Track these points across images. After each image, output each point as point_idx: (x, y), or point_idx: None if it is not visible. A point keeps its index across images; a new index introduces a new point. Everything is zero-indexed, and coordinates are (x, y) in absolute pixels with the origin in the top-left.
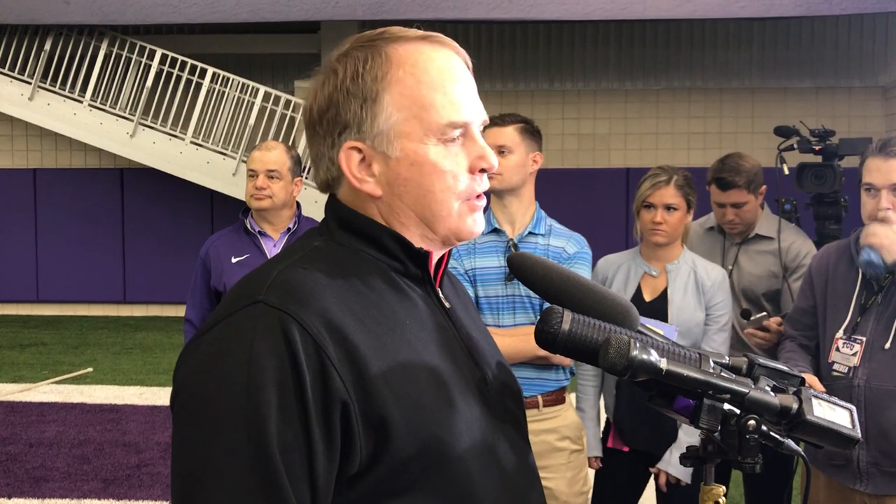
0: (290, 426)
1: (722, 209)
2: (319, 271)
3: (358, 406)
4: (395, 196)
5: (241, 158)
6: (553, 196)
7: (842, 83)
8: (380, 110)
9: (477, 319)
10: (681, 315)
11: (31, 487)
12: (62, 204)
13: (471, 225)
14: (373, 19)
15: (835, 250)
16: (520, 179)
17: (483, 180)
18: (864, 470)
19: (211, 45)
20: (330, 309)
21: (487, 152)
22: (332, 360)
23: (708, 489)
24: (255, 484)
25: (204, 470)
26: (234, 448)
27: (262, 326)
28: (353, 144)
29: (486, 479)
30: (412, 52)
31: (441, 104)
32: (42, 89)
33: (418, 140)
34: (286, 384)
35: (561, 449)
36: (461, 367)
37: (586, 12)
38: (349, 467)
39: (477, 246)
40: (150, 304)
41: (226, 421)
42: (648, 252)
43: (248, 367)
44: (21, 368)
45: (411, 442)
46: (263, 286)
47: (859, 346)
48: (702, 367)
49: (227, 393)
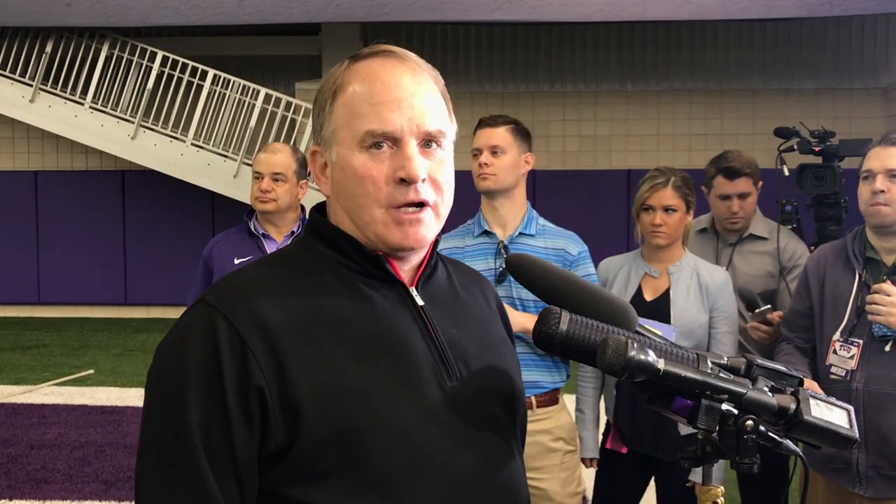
0: (210, 407)
1: (727, 202)
2: (268, 273)
3: (274, 391)
4: (335, 197)
5: (241, 160)
6: (554, 197)
7: (843, 84)
8: (326, 118)
9: (481, 321)
10: (684, 316)
11: (32, 489)
12: (63, 206)
13: (400, 237)
14: (374, 21)
15: (830, 251)
16: (513, 180)
17: (412, 191)
18: (863, 474)
19: (212, 48)
20: (261, 305)
21: (410, 164)
22: (252, 349)
23: (706, 489)
24: (178, 460)
25: (144, 447)
26: (162, 429)
27: (197, 323)
28: (315, 148)
29: (421, 477)
30: (363, 66)
31: (365, 114)
32: (43, 91)
33: (347, 147)
34: (208, 371)
35: (555, 450)
36: (417, 361)
37: (587, 14)
38: (268, 446)
39: (467, 248)
40: (152, 306)
41: (159, 405)
42: (650, 254)
43: (181, 359)
44: (22, 370)
45: (324, 427)
46: (213, 288)
47: (856, 348)
48: (699, 368)
49: (162, 382)
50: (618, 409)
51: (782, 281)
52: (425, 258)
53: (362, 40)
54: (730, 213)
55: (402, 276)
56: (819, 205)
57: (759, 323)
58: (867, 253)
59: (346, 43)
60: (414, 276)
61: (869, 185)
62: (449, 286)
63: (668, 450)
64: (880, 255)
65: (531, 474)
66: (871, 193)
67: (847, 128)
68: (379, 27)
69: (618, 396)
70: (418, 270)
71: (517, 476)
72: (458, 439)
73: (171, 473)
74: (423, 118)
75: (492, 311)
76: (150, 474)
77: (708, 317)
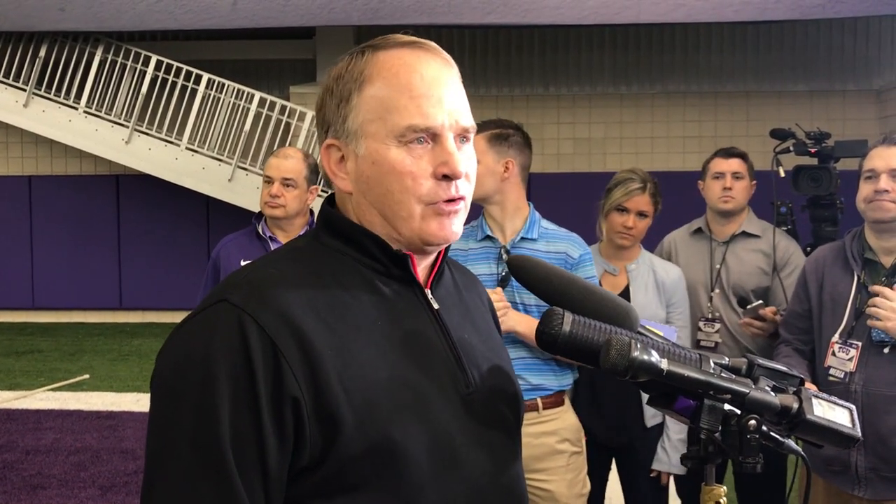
0: (241, 418)
1: (720, 180)
2: (290, 271)
3: (309, 402)
4: (360, 193)
5: (236, 164)
6: (549, 200)
7: (836, 86)
8: (351, 110)
9: (483, 322)
10: (644, 312)
11: (28, 495)
12: (58, 211)
13: (437, 229)
14: (368, 25)
15: (829, 252)
16: (490, 188)
17: (452, 187)
18: (862, 476)
19: (206, 51)
20: (291, 308)
21: (453, 159)
22: (286, 357)
23: (709, 489)
24: (205, 471)
25: (163, 454)
26: (188, 436)
27: (222, 324)
28: (331, 142)
29: (446, 483)
30: (391, 56)
31: (405, 107)
32: (37, 96)
33: (381, 140)
34: (239, 379)
35: (561, 451)
36: (438, 369)
37: (581, 17)
38: (300, 460)
39: (470, 253)
40: (147, 311)
41: (184, 411)
42: (609, 252)
43: (206, 362)
44: (17, 376)
45: (361, 440)
46: (232, 285)
47: (855, 350)
48: (702, 368)
49: (186, 385)
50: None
51: (775, 278)
52: (439, 259)
53: (356, 44)
54: (722, 191)
55: (419, 277)
56: (815, 206)
57: (752, 319)
58: (866, 254)
59: (340, 46)
60: (428, 277)
61: (872, 184)
62: (454, 287)
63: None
64: (879, 256)
65: (537, 475)
66: (873, 192)
67: (840, 130)
68: (373, 31)
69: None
70: (432, 271)
71: (522, 474)
72: (476, 442)
73: (198, 486)
74: (459, 113)
75: (487, 310)
76: (170, 487)
77: (665, 313)
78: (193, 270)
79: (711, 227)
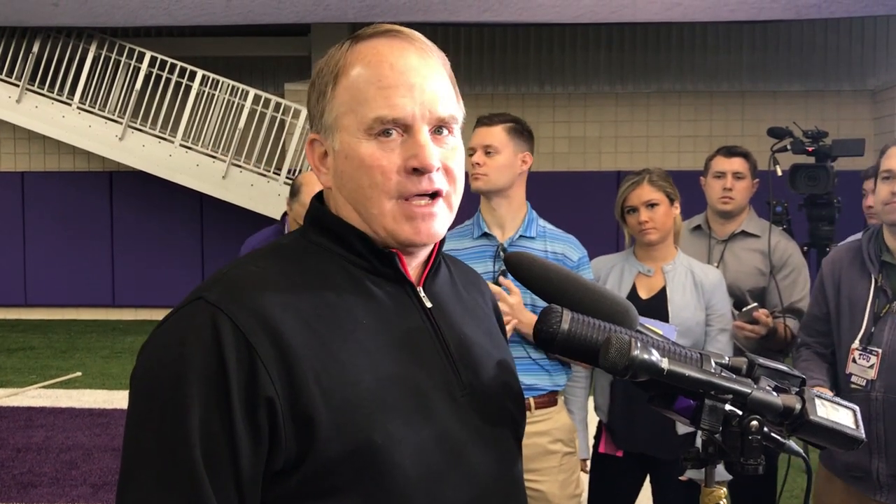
0: (212, 418)
1: (721, 179)
2: (272, 269)
3: (285, 402)
4: (337, 188)
5: (230, 161)
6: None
7: (831, 86)
8: (327, 103)
9: (486, 319)
10: (681, 314)
11: (19, 493)
12: (50, 207)
13: (410, 233)
14: (363, 21)
15: (845, 254)
16: (507, 180)
17: (424, 181)
18: (883, 482)
19: (201, 48)
20: (268, 306)
21: (423, 152)
22: (261, 356)
23: (709, 491)
24: (173, 472)
25: (133, 455)
26: (156, 437)
27: (197, 323)
28: (313, 136)
29: (436, 489)
30: (366, 47)
31: (373, 98)
32: (30, 92)
33: (352, 134)
34: (212, 378)
35: (553, 451)
36: (430, 370)
37: (576, 15)
38: (277, 461)
39: (466, 250)
40: (140, 308)
41: (154, 412)
42: (643, 252)
43: (179, 361)
44: (9, 373)
45: (340, 443)
46: (211, 283)
47: (875, 357)
48: (703, 367)
49: (157, 385)
50: (612, 409)
51: (772, 279)
52: (432, 255)
53: None
54: (723, 191)
55: (410, 275)
56: (812, 205)
57: (744, 322)
58: (883, 256)
59: (335, 43)
60: (421, 275)
61: (890, 185)
62: (452, 284)
63: (665, 449)
64: None
65: (530, 476)
66: (890, 194)
67: (835, 130)
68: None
69: (612, 395)
70: (425, 268)
71: (521, 476)
72: (472, 443)
73: (167, 490)
74: (434, 103)
75: (490, 310)
76: (140, 490)
77: (704, 315)
78: (187, 268)
79: (711, 224)
